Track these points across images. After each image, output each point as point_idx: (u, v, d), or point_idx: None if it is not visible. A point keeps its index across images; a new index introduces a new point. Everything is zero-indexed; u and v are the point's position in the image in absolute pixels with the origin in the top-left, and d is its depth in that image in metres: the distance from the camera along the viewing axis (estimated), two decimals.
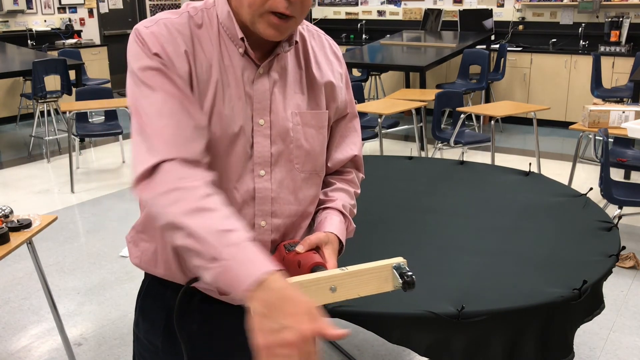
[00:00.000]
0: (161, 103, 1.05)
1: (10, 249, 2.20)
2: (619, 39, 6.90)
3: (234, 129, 1.12)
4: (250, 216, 1.17)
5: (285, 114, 1.17)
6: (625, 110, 3.92)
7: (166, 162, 1.01)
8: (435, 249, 1.98)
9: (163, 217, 0.99)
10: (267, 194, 1.17)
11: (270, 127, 1.15)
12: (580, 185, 4.98)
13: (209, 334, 1.26)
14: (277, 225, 1.19)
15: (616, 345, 2.81)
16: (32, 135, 6.53)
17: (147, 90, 1.06)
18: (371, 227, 2.16)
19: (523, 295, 1.65)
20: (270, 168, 1.17)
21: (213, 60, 1.11)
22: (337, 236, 1.19)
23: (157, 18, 1.12)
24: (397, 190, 2.55)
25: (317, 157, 1.22)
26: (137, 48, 1.08)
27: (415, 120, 5.45)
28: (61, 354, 2.79)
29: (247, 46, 1.11)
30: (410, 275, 1.04)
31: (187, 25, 1.11)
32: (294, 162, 1.19)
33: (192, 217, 0.96)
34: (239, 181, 1.14)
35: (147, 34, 1.08)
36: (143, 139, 1.04)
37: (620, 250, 1.93)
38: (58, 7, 8.61)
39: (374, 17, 8.82)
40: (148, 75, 1.06)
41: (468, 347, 1.60)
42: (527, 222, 2.18)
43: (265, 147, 1.15)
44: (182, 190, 0.99)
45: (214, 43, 1.12)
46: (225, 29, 1.13)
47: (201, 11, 1.14)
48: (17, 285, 3.46)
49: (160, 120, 1.04)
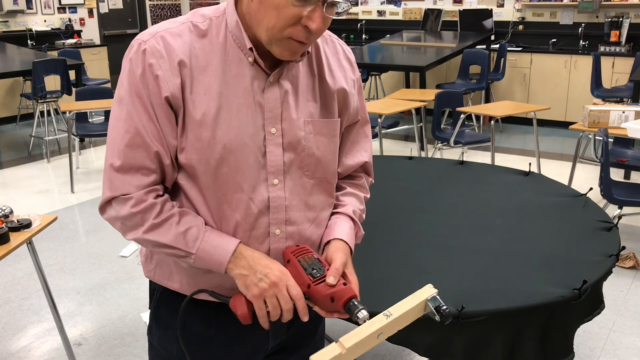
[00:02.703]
0: (124, 131, 1.10)
1: (10, 249, 2.20)
2: (618, 39, 6.90)
3: (244, 139, 1.12)
4: (265, 225, 1.17)
5: (298, 122, 1.17)
6: (625, 110, 3.92)
7: (122, 195, 1.12)
8: (435, 249, 1.98)
9: (128, 236, 1.14)
10: (281, 203, 1.17)
11: (282, 136, 1.15)
12: (580, 185, 4.99)
13: (222, 341, 1.26)
14: (292, 233, 1.20)
15: (616, 345, 2.81)
16: (32, 135, 6.53)
17: (119, 113, 1.12)
18: (371, 227, 2.16)
19: (523, 295, 1.65)
20: (284, 177, 1.17)
21: (216, 71, 1.11)
22: (347, 243, 1.22)
23: (155, 30, 1.12)
24: (397, 190, 2.55)
25: (328, 165, 1.23)
26: (127, 67, 1.12)
27: (415, 120, 5.45)
28: (61, 354, 2.79)
29: (256, 56, 1.12)
30: (445, 310, 1.10)
31: (187, 36, 1.11)
32: (304, 169, 1.19)
33: (152, 234, 1.12)
34: (254, 191, 1.15)
35: (140, 53, 1.10)
36: (108, 158, 1.13)
37: (620, 250, 1.93)
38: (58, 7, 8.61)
39: (374, 17, 8.82)
40: (126, 99, 1.11)
41: (468, 347, 1.60)
42: (527, 222, 2.18)
43: (278, 156, 1.16)
44: (138, 215, 1.11)
45: (219, 53, 1.12)
46: (235, 37, 1.12)
47: (209, 20, 1.13)
48: (17, 285, 3.46)
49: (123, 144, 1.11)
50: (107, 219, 1.15)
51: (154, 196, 1.12)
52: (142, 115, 1.09)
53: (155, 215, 1.11)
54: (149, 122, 1.10)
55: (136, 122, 1.10)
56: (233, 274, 1.12)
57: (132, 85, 1.10)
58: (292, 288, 1.11)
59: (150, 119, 1.10)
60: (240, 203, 1.14)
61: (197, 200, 1.15)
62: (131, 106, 1.10)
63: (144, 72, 1.09)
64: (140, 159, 1.10)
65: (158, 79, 1.08)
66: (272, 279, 1.10)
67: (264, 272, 1.11)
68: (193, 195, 1.15)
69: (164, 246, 1.12)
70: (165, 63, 1.08)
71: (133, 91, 1.10)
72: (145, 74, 1.09)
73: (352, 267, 1.19)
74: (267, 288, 1.10)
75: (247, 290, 1.11)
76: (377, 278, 1.78)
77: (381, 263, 1.88)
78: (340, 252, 1.19)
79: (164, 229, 1.11)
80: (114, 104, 1.14)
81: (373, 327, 1.04)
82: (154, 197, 1.12)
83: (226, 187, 1.13)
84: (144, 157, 1.10)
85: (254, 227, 1.16)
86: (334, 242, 1.22)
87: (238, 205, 1.14)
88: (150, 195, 1.12)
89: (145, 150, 1.10)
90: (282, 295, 1.10)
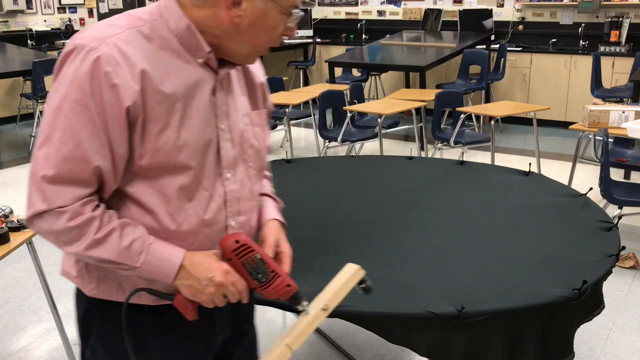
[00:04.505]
0: (61, 142, 1.05)
1: (10, 249, 2.20)
2: (618, 39, 6.90)
3: (204, 137, 1.16)
4: (224, 219, 1.22)
5: (237, 116, 1.23)
6: (625, 110, 3.92)
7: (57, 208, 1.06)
8: (435, 249, 1.98)
9: (68, 250, 1.10)
10: (235, 196, 1.23)
11: (230, 131, 1.21)
12: (580, 185, 4.98)
13: (174, 343, 1.26)
14: (243, 223, 1.26)
15: (616, 345, 2.81)
16: (32, 135, 6.53)
17: (54, 122, 1.05)
18: (371, 227, 2.16)
19: (523, 295, 1.65)
20: (235, 170, 1.22)
21: (172, 75, 1.11)
22: (280, 220, 1.36)
23: (102, 36, 1.08)
24: (397, 190, 2.55)
25: (264, 154, 1.31)
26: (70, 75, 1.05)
27: (415, 120, 5.45)
28: (61, 354, 2.79)
29: (212, 58, 1.15)
30: (369, 284, 1.28)
31: (137, 42, 1.10)
32: (248, 161, 1.26)
33: (95, 250, 1.09)
34: (213, 188, 1.19)
35: (90, 60, 1.04)
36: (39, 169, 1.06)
37: (620, 250, 1.93)
38: (58, 7, 8.61)
39: (374, 17, 8.82)
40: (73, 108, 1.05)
41: (468, 347, 1.60)
42: (527, 222, 2.18)
43: (229, 151, 1.21)
44: (75, 230, 1.07)
45: (169, 56, 1.12)
46: (182, 41, 1.13)
47: (150, 24, 1.13)
48: (17, 285, 3.46)
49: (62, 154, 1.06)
50: (38, 232, 1.10)
51: (91, 208, 1.08)
52: (85, 127, 1.05)
53: (95, 231, 1.08)
54: (92, 135, 1.05)
55: (76, 135, 1.04)
56: (178, 285, 1.14)
57: (76, 95, 1.04)
58: (237, 284, 1.15)
59: (94, 132, 1.05)
60: (203, 200, 1.17)
61: (154, 204, 1.13)
62: (72, 116, 1.04)
63: (96, 82, 1.04)
64: (77, 173, 1.06)
65: (116, 88, 1.05)
66: (216, 281, 1.13)
67: (207, 276, 1.13)
68: (149, 199, 1.13)
69: (108, 262, 1.10)
70: (122, 71, 1.05)
71: (77, 101, 1.04)
72: (99, 84, 1.04)
73: (284, 239, 1.32)
74: (214, 291, 1.13)
75: (195, 298, 1.14)
76: (377, 278, 1.78)
77: (381, 263, 1.88)
78: (275, 229, 1.32)
79: (107, 244, 1.08)
80: (48, 110, 1.06)
81: (315, 324, 1.19)
82: (92, 210, 1.08)
83: (191, 186, 1.15)
84: (81, 171, 1.06)
85: (215, 222, 1.20)
86: (269, 222, 1.33)
87: (201, 203, 1.17)
88: (87, 208, 1.08)
89: (83, 164, 1.06)
90: (229, 292, 1.15)
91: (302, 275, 1.79)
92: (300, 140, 6.81)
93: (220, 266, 1.14)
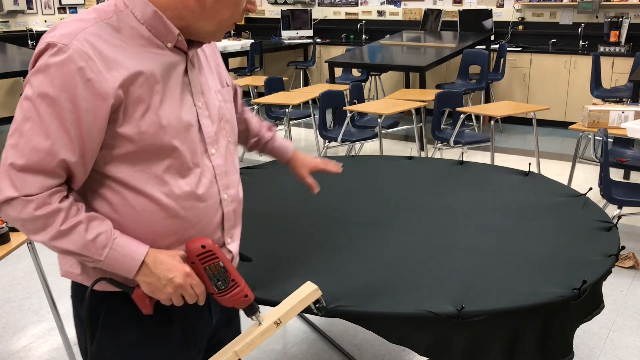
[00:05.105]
0: (32, 133, 1.07)
1: (10, 249, 2.20)
2: (618, 39, 6.90)
3: (185, 116, 1.19)
4: (217, 192, 1.26)
5: (211, 93, 1.28)
6: (624, 110, 3.92)
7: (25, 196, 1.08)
8: (435, 249, 1.98)
9: (34, 238, 1.13)
10: (222, 170, 1.28)
11: (207, 108, 1.26)
12: (580, 185, 4.99)
13: (177, 331, 1.30)
14: (233, 196, 1.32)
15: (616, 345, 2.81)
16: None
17: (27, 113, 1.08)
18: (371, 227, 2.17)
19: (523, 295, 1.65)
20: (217, 145, 1.27)
21: (146, 62, 1.14)
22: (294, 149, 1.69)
23: (72, 32, 1.09)
24: (397, 190, 2.56)
25: (236, 127, 1.38)
26: (42, 71, 1.07)
27: (415, 120, 5.45)
28: (61, 354, 2.79)
29: (181, 39, 1.18)
30: (322, 306, 1.34)
31: (106, 34, 1.11)
32: (227, 136, 1.32)
33: (60, 241, 1.11)
34: (202, 165, 1.23)
35: (62, 56, 1.06)
36: (9, 157, 1.09)
37: (620, 250, 1.93)
38: (58, 7, 8.61)
39: (374, 18, 8.82)
40: (43, 104, 1.07)
41: (468, 347, 1.60)
42: (527, 222, 2.18)
43: (209, 127, 1.26)
44: (41, 219, 1.09)
45: (140, 44, 1.15)
46: (150, 27, 1.16)
47: (115, 15, 1.14)
48: (17, 285, 3.46)
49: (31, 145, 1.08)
50: (7, 218, 1.13)
51: (59, 199, 1.10)
52: (55, 122, 1.07)
53: (61, 222, 1.10)
54: (59, 129, 1.07)
55: (46, 128, 1.07)
56: (138, 280, 1.17)
57: (48, 90, 1.06)
58: (196, 288, 1.19)
59: (62, 127, 1.07)
60: (194, 177, 1.21)
61: (148, 187, 1.16)
62: (43, 110, 1.07)
63: (69, 78, 1.06)
64: (44, 164, 1.08)
65: (91, 82, 1.07)
66: (176, 283, 1.16)
67: (167, 277, 1.16)
68: (142, 184, 1.16)
69: (72, 253, 1.13)
70: (96, 65, 1.07)
71: (47, 96, 1.06)
72: (73, 80, 1.06)
73: (314, 158, 1.78)
74: (172, 292, 1.17)
75: (154, 295, 1.18)
76: (377, 278, 1.78)
77: (381, 263, 1.88)
78: (306, 156, 1.75)
79: (73, 236, 1.11)
80: (22, 101, 1.10)
81: (265, 336, 1.23)
82: (59, 201, 1.10)
83: (181, 165, 1.19)
84: (48, 163, 1.08)
85: (209, 197, 1.24)
86: (295, 154, 1.74)
87: (193, 180, 1.21)
88: (55, 198, 1.10)
89: (50, 157, 1.08)
90: (187, 293, 1.19)
91: (302, 274, 1.79)
92: (300, 140, 6.81)
93: (182, 268, 1.17)
